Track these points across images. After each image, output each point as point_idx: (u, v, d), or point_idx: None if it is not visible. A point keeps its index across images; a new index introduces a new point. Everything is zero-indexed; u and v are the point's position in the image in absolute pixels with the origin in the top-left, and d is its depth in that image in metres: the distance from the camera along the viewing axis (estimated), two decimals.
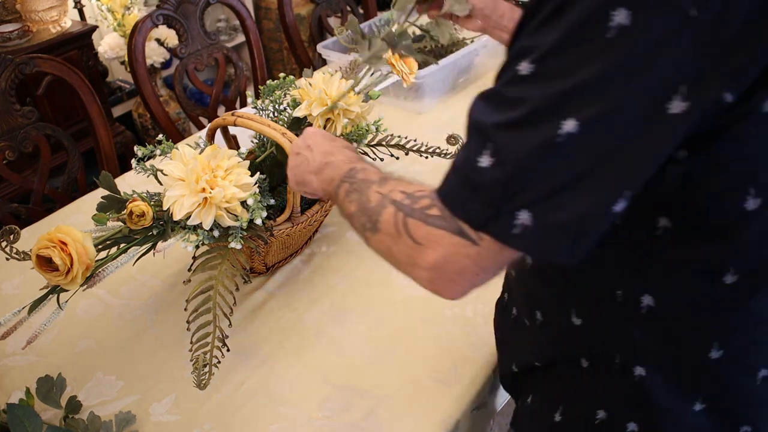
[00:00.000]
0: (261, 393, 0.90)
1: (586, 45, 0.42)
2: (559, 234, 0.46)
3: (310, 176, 0.74)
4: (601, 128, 0.43)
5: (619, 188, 0.45)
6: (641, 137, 0.44)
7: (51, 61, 1.36)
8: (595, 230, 0.47)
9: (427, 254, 0.53)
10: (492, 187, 0.47)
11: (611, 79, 0.42)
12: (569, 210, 0.46)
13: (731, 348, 0.59)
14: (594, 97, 0.43)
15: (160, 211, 0.90)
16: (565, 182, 0.45)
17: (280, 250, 1.10)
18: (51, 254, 0.76)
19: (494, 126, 0.47)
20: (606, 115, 0.43)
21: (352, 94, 1.07)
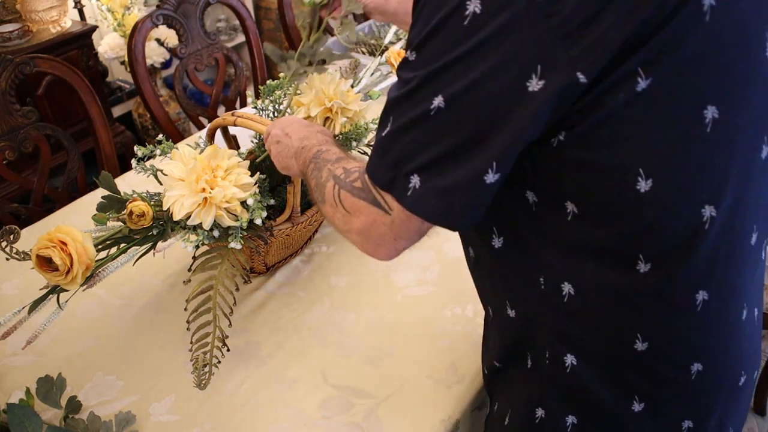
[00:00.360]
0: (261, 393, 0.90)
1: (450, 32, 0.49)
2: (439, 198, 0.53)
3: (291, 161, 0.79)
4: (464, 104, 0.50)
5: (488, 160, 0.51)
6: (503, 113, 0.49)
7: (51, 61, 1.35)
8: (471, 198, 0.52)
9: (354, 222, 0.60)
10: (391, 152, 0.55)
11: (469, 61, 0.48)
12: (447, 176, 0.52)
13: (655, 340, 0.59)
14: (455, 76, 0.49)
15: (160, 211, 0.90)
16: (443, 151, 0.52)
17: (280, 250, 1.10)
18: (51, 254, 0.77)
19: (392, 101, 0.55)
20: (467, 93, 0.49)
21: (350, 92, 1.07)
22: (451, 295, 1.05)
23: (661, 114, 0.50)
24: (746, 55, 0.52)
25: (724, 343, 0.62)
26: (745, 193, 0.56)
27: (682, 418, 0.64)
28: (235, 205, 0.87)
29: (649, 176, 0.51)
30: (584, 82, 0.47)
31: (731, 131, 0.53)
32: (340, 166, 0.65)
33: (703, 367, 0.61)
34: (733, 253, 0.58)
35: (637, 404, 0.62)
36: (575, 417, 0.65)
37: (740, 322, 0.63)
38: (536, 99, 0.47)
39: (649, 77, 0.48)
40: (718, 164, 0.53)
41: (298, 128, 0.80)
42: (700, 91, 0.50)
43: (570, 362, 0.63)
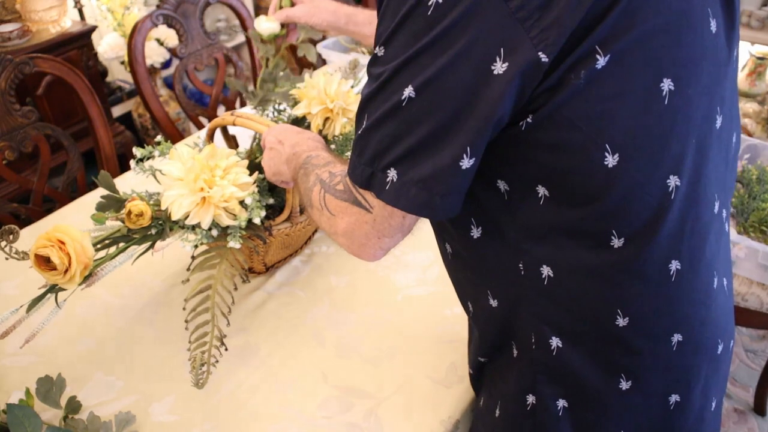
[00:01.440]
0: (261, 393, 0.90)
1: (414, 24, 0.50)
2: (417, 188, 0.53)
3: (282, 167, 0.81)
4: (432, 91, 0.51)
5: (462, 145, 0.52)
6: (471, 98, 0.50)
7: (50, 61, 1.35)
8: (449, 185, 0.53)
9: (338, 224, 0.62)
10: (367, 149, 0.56)
11: (434, 49, 0.50)
12: (423, 166, 0.53)
13: (636, 314, 0.60)
14: (423, 65, 0.50)
15: (158, 211, 0.90)
16: (417, 141, 0.53)
17: (280, 250, 1.10)
18: (49, 253, 0.76)
19: (365, 98, 0.56)
20: (435, 80, 0.50)
21: (351, 93, 1.07)
22: (451, 295, 1.05)
23: (621, 89, 0.52)
24: (693, 29, 0.55)
25: (700, 313, 0.64)
26: (704, 162, 0.59)
27: (668, 393, 0.65)
28: (234, 205, 0.87)
29: (615, 151, 0.53)
30: (546, 61, 0.48)
31: (686, 102, 0.55)
32: (327, 171, 0.67)
33: (682, 337, 0.63)
34: (698, 221, 0.60)
35: (624, 382, 0.63)
36: (565, 400, 0.66)
37: (712, 291, 0.65)
38: (501, 81, 0.49)
39: (607, 54, 0.50)
40: (677, 134, 0.56)
41: (291, 135, 0.82)
42: (656, 65, 0.53)
43: (556, 345, 0.64)
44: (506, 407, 0.72)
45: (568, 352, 0.63)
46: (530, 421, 0.68)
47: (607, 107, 0.52)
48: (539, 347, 0.65)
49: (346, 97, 1.06)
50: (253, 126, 0.97)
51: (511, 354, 0.69)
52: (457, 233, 0.67)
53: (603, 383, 0.64)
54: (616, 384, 0.64)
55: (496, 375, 0.74)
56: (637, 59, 0.51)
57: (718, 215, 0.64)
